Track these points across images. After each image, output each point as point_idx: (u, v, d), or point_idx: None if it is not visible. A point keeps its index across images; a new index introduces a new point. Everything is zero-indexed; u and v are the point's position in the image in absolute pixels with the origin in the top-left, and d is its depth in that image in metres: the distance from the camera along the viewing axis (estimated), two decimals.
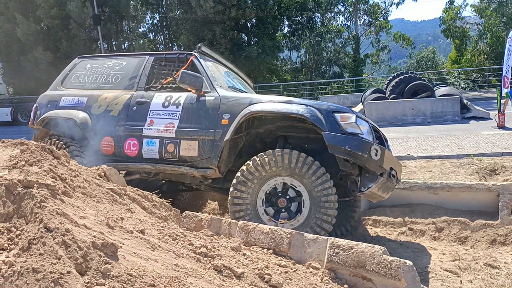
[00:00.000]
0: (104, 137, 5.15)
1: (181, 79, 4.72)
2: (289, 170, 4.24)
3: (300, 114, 4.31)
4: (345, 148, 4.11)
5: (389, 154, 4.55)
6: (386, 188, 4.56)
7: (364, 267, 2.74)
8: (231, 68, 6.17)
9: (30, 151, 2.72)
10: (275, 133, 5.00)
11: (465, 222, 5.20)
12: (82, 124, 5.24)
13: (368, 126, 4.38)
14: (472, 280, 3.95)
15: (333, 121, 4.22)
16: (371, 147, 4.18)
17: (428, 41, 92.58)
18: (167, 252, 2.39)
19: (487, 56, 30.22)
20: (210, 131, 4.63)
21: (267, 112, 4.52)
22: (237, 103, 4.63)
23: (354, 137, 4.18)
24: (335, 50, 35.68)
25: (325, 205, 4.18)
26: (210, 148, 4.61)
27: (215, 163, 4.61)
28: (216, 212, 6.53)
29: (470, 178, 6.78)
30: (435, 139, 10.46)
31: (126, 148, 5.01)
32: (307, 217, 4.21)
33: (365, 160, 4.15)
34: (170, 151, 4.76)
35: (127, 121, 5.08)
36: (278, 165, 4.25)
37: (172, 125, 4.81)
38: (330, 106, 4.40)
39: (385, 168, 4.34)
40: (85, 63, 5.88)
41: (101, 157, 5.13)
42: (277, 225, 4.14)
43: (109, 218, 2.47)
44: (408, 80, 15.90)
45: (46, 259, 1.84)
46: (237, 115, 4.53)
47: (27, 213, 2.12)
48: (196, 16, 26.84)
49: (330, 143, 4.14)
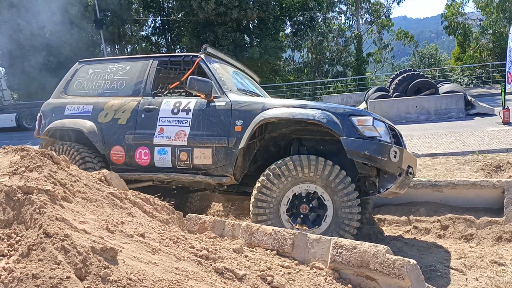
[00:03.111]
0: (113, 147, 5.05)
1: (190, 85, 4.61)
2: (325, 182, 4.15)
3: (316, 120, 4.22)
4: (365, 153, 4.03)
5: (407, 153, 4.48)
6: (403, 185, 4.52)
7: (367, 267, 2.72)
8: (238, 67, 6.03)
9: (30, 157, 2.72)
10: (289, 136, 4.91)
11: (471, 219, 5.16)
12: (89, 134, 5.14)
13: (385, 127, 4.29)
14: (478, 278, 3.91)
15: (350, 125, 4.14)
16: (390, 150, 4.11)
17: (431, 38, 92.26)
18: (167, 256, 2.38)
19: (490, 52, 30.08)
20: (223, 138, 4.53)
21: (282, 118, 4.42)
22: (249, 109, 4.53)
23: (373, 141, 4.10)
24: (337, 49, 35.62)
25: (345, 228, 4.11)
26: (224, 156, 4.52)
27: (231, 171, 4.52)
28: (220, 214, 6.52)
29: (475, 175, 6.73)
30: (439, 137, 10.41)
31: (138, 157, 4.91)
32: (324, 232, 4.09)
33: (385, 163, 4.09)
34: (183, 160, 4.67)
35: (136, 129, 4.98)
36: (317, 173, 4.14)
37: (184, 132, 4.71)
38: (346, 110, 4.30)
39: (403, 168, 4.28)
40: (87, 68, 5.76)
41: (112, 166, 5.06)
42: (292, 228, 4.03)
43: (109, 223, 2.46)
44: (411, 78, 15.83)
45: (45, 264, 1.83)
46: (250, 122, 4.43)
47: (27, 219, 2.12)
48: (198, 18, 26.89)
49: (349, 149, 4.06)
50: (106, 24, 28.10)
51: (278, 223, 4.14)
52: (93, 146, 5.17)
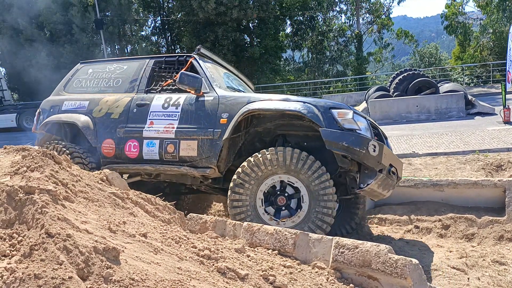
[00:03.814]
0: (105, 140, 5.17)
1: (180, 80, 4.75)
2: (284, 168, 4.23)
3: (297, 111, 4.32)
4: (343, 144, 4.09)
5: (388, 151, 4.53)
6: (386, 185, 4.53)
7: (369, 266, 2.72)
8: (231, 70, 6.18)
9: (32, 157, 2.71)
10: (274, 132, 5.00)
11: (472, 218, 5.15)
12: (83, 127, 5.27)
13: (366, 123, 4.36)
14: (480, 277, 3.91)
15: (330, 118, 4.22)
16: (369, 143, 4.16)
17: (431, 38, 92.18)
18: (170, 255, 2.38)
19: (491, 51, 30.05)
20: (209, 130, 4.64)
21: (264, 110, 4.53)
22: (235, 102, 4.64)
23: (352, 133, 4.16)
24: (338, 49, 35.61)
25: (324, 198, 4.17)
26: (209, 148, 4.62)
27: (215, 162, 4.62)
28: (221, 214, 6.51)
29: (476, 174, 6.73)
30: (440, 136, 10.41)
31: (127, 150, 5.03)
32: (308, 212, 4.20)
33: (363, 155, 4.13)
34: (170, 152, 4.78)
35: (127, 123, 5.11)
36: (273, 164, 4.24)
37: (172, 125, 4.83)
38: (328, 103, 4.39)
39: (384, 165, 4.31)
40: (87, 68, 5.93)
41: (102, 159, 5.17)
42: (279, 224, 4.14)
43: (111, 222, 2.45)
44: (411, 77, 15.82)
45: (47, 264, 1.83)
46: (235, 114, 4.54)
47: (29, 219, 2.12)
48: (198, 18, 26.86)
49: (327, 139, 4.14)
50: (106, 24, 28.06)
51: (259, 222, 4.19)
52: (86, 140, 5.28)
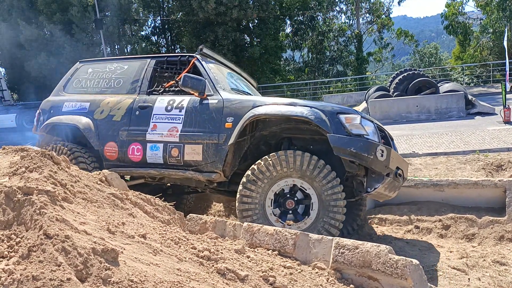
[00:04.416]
0: (107, 143, 5.12)
1: (184, 82, 4.69)
2: (300, 172, 4.19)
3: (304, 117, 4.27)
4: (351, 150, 4.06)
5: (395, 154, 4.49)
6: (393, 187, 4.51)
7: (370, 267, 2.70)
8: (234, 69, 6.11)
9: (30, 158, 2.70)
10: (280, 135, 4.94)
11: (472, 219, 5.14)
12: (85, 130, 5.22)
13: (373, 127, 4.32)
14: (480, 278, 3.90)
15: (337, 123, 4.17)
16: (377, 148, 4.12)
17: (431, 38, 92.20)
18: (169, 257, 2.37)
19: (491, 51, 30.04)
20: (214, 134, 4.59)
21: (271, 115, 4.48)
22: (240, 106, 4.58)
23: (360, 139, 4.12)
24: (338, 49, 35.60)
25: (334, 210, 4.13)
26: (214, 152, 4.57)
27: (220, 167, 4.57)
28: (221, 214, 6.50)
29: (476, 174, 6.72)
30: (440, 136, 10.39)
31: (130, 153, 4.98)
32: (315, 221, 4.17)
33: (371, 161, 4.10)
34: (174, 156, 4.73)
35: (130, 126, 5.05)
36: (289, 166, 4.20)
37: (176, 129, 4.77)
38: (335, 108, 4.34)
39: (391, 168, 4.29)
40: (87, 68, 5.86)
41: (105, 162, 5.12)
42: (284, 227, 4.11)
43: (110, 223, 2.44)
44: (411, 77, 15.80)
45: (46, 266, 1.82)
46: (241, 118, 4.48)
47: (27, 220, 2.10)
48: (198, 18, 26.86)
49: (335, 145, 4.10)
50: (106, 24, 28.04)
51: (265, 222, 4.18)
52: (88, 143, 5.24)
